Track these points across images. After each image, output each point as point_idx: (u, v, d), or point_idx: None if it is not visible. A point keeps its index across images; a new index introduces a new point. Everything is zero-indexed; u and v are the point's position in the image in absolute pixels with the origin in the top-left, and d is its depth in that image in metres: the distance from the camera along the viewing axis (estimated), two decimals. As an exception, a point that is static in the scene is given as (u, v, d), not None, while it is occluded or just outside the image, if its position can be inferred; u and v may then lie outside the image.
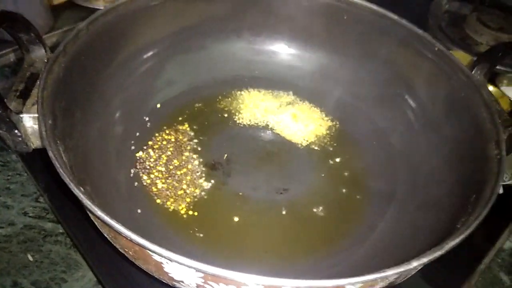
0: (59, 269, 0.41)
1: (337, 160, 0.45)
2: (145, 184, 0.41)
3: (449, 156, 0.38)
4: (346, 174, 0.44)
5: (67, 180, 0.27)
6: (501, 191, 0.30)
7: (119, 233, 0.25)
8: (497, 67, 0.56)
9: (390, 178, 0.43)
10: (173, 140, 0.45)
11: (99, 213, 0.25)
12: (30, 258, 0.41)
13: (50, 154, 0.28)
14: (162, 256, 0.24)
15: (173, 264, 0.25)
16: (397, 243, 0.37)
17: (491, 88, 0.55)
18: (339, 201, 0.42)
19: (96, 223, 0.31)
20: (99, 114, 0.40)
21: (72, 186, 0.26)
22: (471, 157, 0.36)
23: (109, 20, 0.41)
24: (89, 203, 0.26)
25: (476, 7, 0.70)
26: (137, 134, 0.44)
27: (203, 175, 0.42)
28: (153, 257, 0.26)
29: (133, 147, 0.43)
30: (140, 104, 0.45)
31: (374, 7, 0.46)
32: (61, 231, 0.43)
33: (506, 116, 0.38)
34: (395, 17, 0.46)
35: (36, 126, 0.33)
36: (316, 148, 0.46)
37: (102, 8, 0.64)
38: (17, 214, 0.44)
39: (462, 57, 0.51)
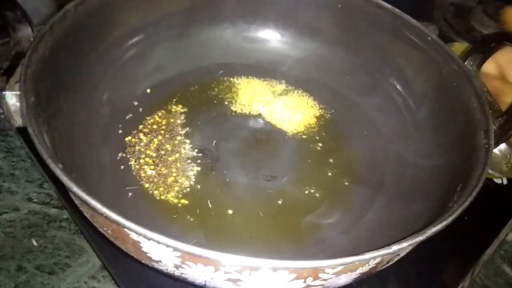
0: (63, 254, 0.41)
1: (325, 148, 0.45)
2: (133, 168, 0.40)
3: (439, 146, 0.38)
4: (331, 161, 0.44)
5: (44, 156, 0.26)
6: (505, 181, 0.30)
7: (95, 210, 0.24)
8: None
9: (379, 167, 0.43)
10: (164, 123, 0.44)
11: (75, 188, 0.25)
12: (35, 243, 0.41)
13: (30, 130, 0.28)
14: (139, 234, 0.24)
15: (150, 243, 0.25)
16: (384, 232, 0.37)
17: None
18: (325, 188, 0.41)
19: (75, 202, 0.30)
20: (86, 96, 0.40)
21: (49, 162, 0.26)
22: (460, 146, 0.36)
23: (98, 2, 0.41)
24: (65, 178, 0.25)
25: None
26: (127, 117, 0.43)
27: (192, 160, 0.42)
28: (130, 236, 0.26)
29: (121, 131, 0.42)
30: (129, 88, 0.45)
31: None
32: (65, 217, 0.44)
33: (497, 107, 0.37)
34: (388, 6, 0.45)
35: (19, 104, 0.32)
36: (304, 136, 0.46)
37: None
38: (22, 200, 0.44)
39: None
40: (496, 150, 0.40)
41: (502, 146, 0.33)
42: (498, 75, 0.41)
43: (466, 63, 0.41)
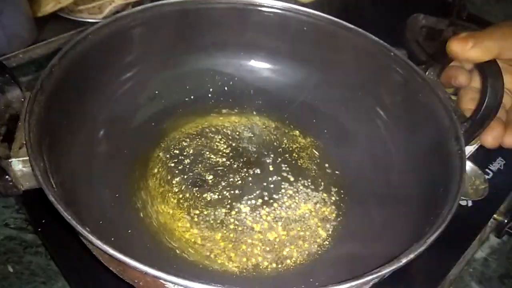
0: (39, 280, 0.41)
1: (307, 162, 0.48)
2: (136, 206, 0.42)
3: (416, 154, 0.42)
4: (315, 174, 0.47)
5: (73, 222, 0.28)
6: (470, 203, 0.34)
7: (134, 269, 0.26)
8: None
9: (362, 178, 0.46)
10: (161, 156, 0.46)
11: (111, 250, 0.26)
12: (11, 269, 0.41)
13: (51, 198, 0.29)
14: (180, 285, 0.26)
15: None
16: (367, 242, 0.41)
17: None
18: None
19: (100, 258, 0.32)
20: (83, 144, 0.41)
21: (79, 229, 0.27)
22: (435, 155, 0.39)
23: (79, 51, 0.41)
24: (99, 242, 0.27)
25: (452, 22, 0.73)
26: (125, 151, 0.45)
27: (196, 192, 0.44)
28: (166, 286, 0.28)
29: (119, 167, 0.44)
30: (123, 124, 0.46)
31: (331, 17, 0.49)
32: (41, 242, 0.44)
33: (461, 113, 0.42)
34: (350, 25, 0.49)
35: (25, 169, 0.33)
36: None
37: (86, 20, 0.66)
38: None
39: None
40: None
41: (468, 168, 0.36)
42: None
43: (427, 73, 0.45)
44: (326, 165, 0.48)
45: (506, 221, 0.49)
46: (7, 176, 0.32)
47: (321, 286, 0.27)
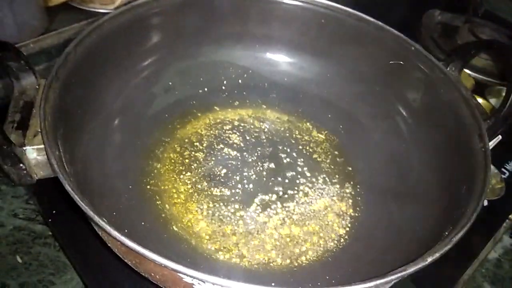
0: (47, 271, 0.41)
1: (322, 156, 0.48)
2: (149, 195, 0.41)
3: (436, 152, 0.41)
4: (331, 169, 0.46)
5: (90, 214, 0.27)
6: (485, 203, 0.33)
7: (153, 262, 0.25)
8: (487, 78, 0.60)
9: (380, 174, 0.45)
10: (177, 147, 0.46)
11: (130, 243, 0.26)
12: (19, 260, 0.41)
13: (67, 187, 0.28)
14: (200, 280, 0.25)
15: (206, 285, 0.26)
16: (386, 239, 0.40)
17: (480, 100, 0.59)
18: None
19: (115, 250, 0.31)
20: (97, 133, 0.40)
21: (97, 219, 0.27)
22: (457, 151, 0.39)
23: (95, 39, 0.41)
24: (118, 234, 0.26)
25: (468, 19, 0.72)
26: (138, 142, 0.44)
27: (203, 187, 0.43)
28: (184, 279, 0.27)
29: (133, 157, 0.43)
30: (137, 114, 0.45)
31: (350, 10, 0.48)
32: (50, 233, 0.43)
33: (483, 110, 0.41)
34: (370, 18, 0.48)
35: (40, 157, 0.32)
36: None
37: (98, 10, 0.65)
38: (7, 216, 0.44)
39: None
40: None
41: None
42: None
43: (448, 69, 0.44)
44: (342, 160, 0.47)
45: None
46: (21, 165, 0.31)
47: (341, 286, 0.26)
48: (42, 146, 0.31)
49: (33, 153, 0.32)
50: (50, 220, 0.43)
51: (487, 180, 0.33)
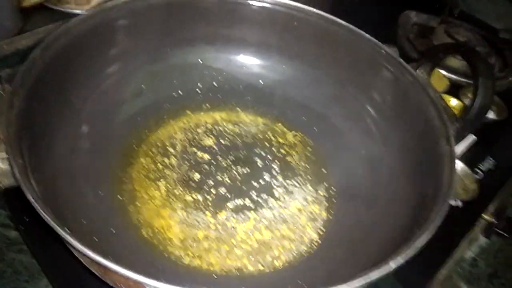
0: (22, 278, 0.40)
1: (296, 158, 0.48)
2: (119, 204, 0.41)
3: (406, 154, 0.42)
4: (304, 172, 0.47)
5: (52, 224, 0.27)
6: (460, 204, 0.33)
7: (115, 273, 0.25)
8: (462, 79, 0.61)
9: (351, 175, 0.46)
10: (149, 155, 0.45)
11: (91, 254, 0.25)
12: None
13: (29, 197, 0.28)
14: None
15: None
16: (357, 242, 0.40)
17: (454, 101, 0.59)
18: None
19: (81, 260, 0.31)
20: (65, 140, 0.40)
21: (58, 230, 0.26)
22: (425, 154, 0.39)
23: (62, 43, 0.40)
24: (79, 245, 0.26)
25: (444, 19, 0.72)
26: (108, 148, 0.43)
27: (176, 192, 0.43)
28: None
29: (103, 164, 0.43)
30: (107, 119, 0.45)
31: (322, 13, 0.48)
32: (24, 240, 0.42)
33: (451, 112, 0.41)
34: (341, 21, 0.48)
35: (4, 167, 0.32)
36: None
37: (73, 11, 0.64)
38: None
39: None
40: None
41: (458, 168, 0.36)
42: None
43: (418, 71, 0.45)
44: (316, 163, 0.48)
45: (495, 221, 0.49)
46: (-16, 174, 0.31)
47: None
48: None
49: (-3, 162, 0.32)
50: (22, 227, 0.42)
51: (452, 183, 0.34)
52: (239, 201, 0.43)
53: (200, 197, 0.43)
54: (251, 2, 0.48)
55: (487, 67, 0.38)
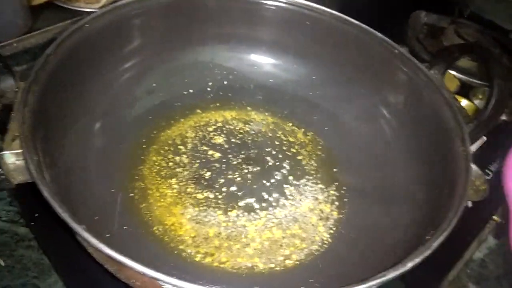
0: (31, 274, 0.40)
1: (307, 158, 0.48)
2: (133, 202, 0.41)
3: (420, 155, 0.41)
4: (315, 171, 0.46)
5: (68, 219, 0.27)
6: (470, 204, 0.33)
7: (131, 269, 0.25)
8: (473, 80, 0.60)
9: (362, 175, 0.45)
10: (161, 153, 0.45)
11: (108, 250, 0.25)
12: (2, 263, 0.40)
13: (45, 193, 0.28)
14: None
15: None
16: (369, 242, 0.40)
17: (465, 102, 0.59)
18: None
19: (95, 256, 0.31)
20: (78, 137, 0.40)
21: (74, 226, 0.26)
22: (439, 155, 0.39)
23: (76, 40, 0.40)
24: (95, 241, 0.26)
25: (454, 20, 0.72)
26: (121, 145, 0.43)
27: (187, 190, 0.43)
28: (164, 287, 0.27)
29: (116, 161, 0.42)
30: (119, 117, 0.45)
31: (334, 12, 0.48)
32: (34, 236, 0.42)
33: (466, 113, 0.41)
34: (354, 21, 0.48)
35: (18, 162, 0.32)
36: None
37: (83, 9, 0.63)
38: None
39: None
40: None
41: None
42: None
43: (431, 71, 0.44)
44: (327, 162, 0.47)
45: (504, 222, 0.49)
46: (-1, 169, 0.31)
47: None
48: (21, 150, 0.31)
49: (12, 158, 0.32)
50: (32, 223, 0.42)
51: (467, 184, 0.33)
52: (250, 200, 0.43)
53: (211, 195, 0.43)
54: (264, 2, 0.48)
55: (502, 69, 0.38)
